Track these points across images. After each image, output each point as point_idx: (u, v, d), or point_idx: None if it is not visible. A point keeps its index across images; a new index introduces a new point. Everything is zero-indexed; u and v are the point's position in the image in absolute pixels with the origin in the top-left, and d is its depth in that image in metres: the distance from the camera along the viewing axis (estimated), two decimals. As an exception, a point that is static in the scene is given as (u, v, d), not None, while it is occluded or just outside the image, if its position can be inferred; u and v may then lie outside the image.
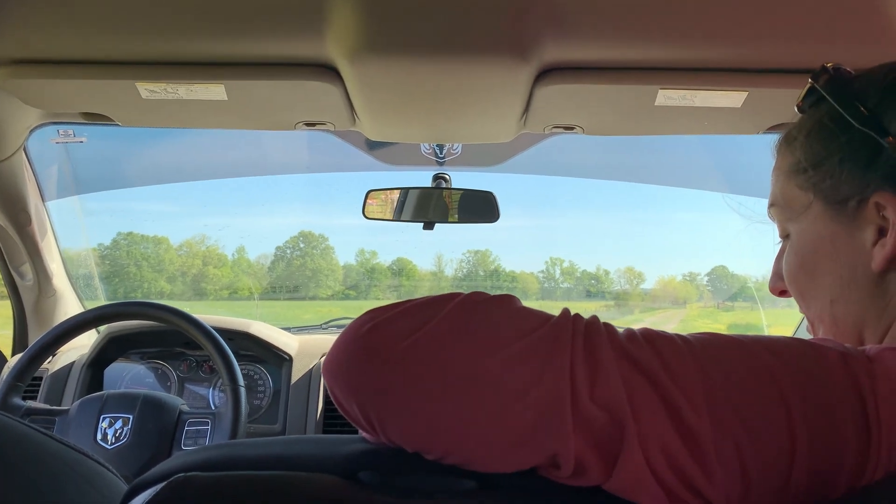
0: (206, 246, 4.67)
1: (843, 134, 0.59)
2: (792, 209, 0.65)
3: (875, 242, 0.58)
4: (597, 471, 0.44)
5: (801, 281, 0.66)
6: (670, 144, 1.94)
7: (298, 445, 0.52)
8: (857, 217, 0.59)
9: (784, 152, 0.66)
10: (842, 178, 0.59)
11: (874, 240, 0.58)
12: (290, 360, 1.71)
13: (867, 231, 0.58)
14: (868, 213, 0.58)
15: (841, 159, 0.59)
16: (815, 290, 0.64)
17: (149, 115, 1.21)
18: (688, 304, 4.54)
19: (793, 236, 0.66)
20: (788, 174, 0.65)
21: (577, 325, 0.47)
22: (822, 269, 0.63)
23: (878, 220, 0.57)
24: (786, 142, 0.66)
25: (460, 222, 1.62)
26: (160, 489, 0.47)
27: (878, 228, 0.57)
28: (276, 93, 1.09)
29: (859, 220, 0.59)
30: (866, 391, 0.45)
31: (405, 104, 1.11)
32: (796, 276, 0.66)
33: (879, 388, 0.45)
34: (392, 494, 0.46)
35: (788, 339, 0.49)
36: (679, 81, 1.01)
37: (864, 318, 0.60)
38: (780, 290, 0.70)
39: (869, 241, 0.58)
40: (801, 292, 0.66)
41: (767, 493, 0.44)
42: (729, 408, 0.44)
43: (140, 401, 1.39)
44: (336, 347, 0.50)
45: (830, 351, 0.47)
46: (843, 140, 0.59)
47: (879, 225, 0.57)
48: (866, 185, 0.57)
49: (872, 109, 0.57)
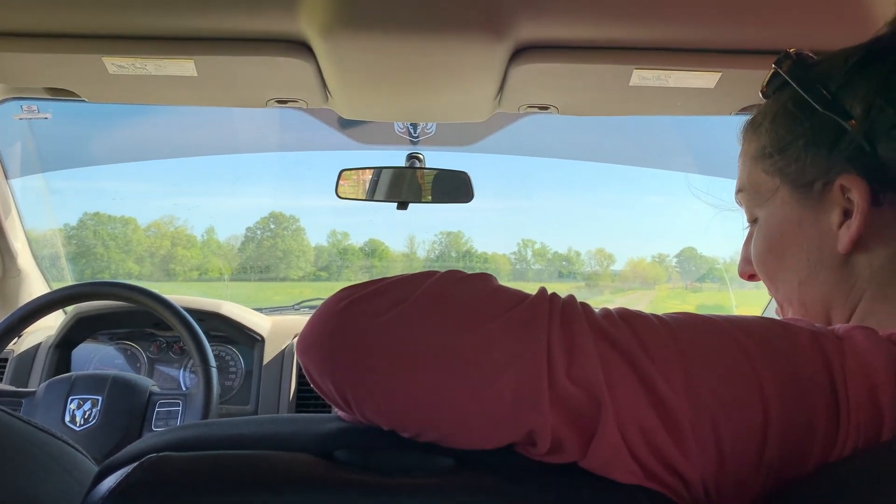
0: (175, 226, 4.60)
1: (806, 118, 0.60)
2: (759, 194, 0.66)
3: (840, 224, 0.59)
4: (573, 447, 0.45)
5: (770, 264, 0.66)
6: (643, 126, 1.95)
7: (273, 425, 0.51)
8: (823, 200, 0.60)
9: (750, 138, 0.67)
10: (807, 162, 0.60)
11: (839, 222, 0.59)
12: (262, 341, 1.69)
13: (833, 213, 0.59)
14: (833, 196, 0.59)
15: (805, 143, 0.60)
16: (783, 273, 0.65)
17: (116, 90, 1.18)
18: (657, 285, 4.59)
19: (760, 220, 0.66)
20: (755, 159, 0.65)
21: (553, 304, 0.47)
22: (790, 252, 0.64)
23: (844, 203, 0.58)
24: (751, 127, 0.67)
25: (434, 202, 1.61)
26: (132, 470, 0.46)
27: (844, 210, 0.58)
28: (247, 69, 1.07)
29: (825, 203, 0.60)
30: (836, 368, 0.45)
31: (379, 82, 1.09)
32: (765, 260, 0.67)
33: (849, 365, 0.45)
34: (368, 473, 0.46)
35: (761, 318, 0.50)
36: (654, 61, 1.01)
37: (832, 299, 0.62)
38: (749, 275, 0.71)
39: (835, 223, 0.59)
40: (769, 275, 0.67)
41: (742, 469, 0.45)
42: (705, 385, 0.44)
43: (109, 382, 1.37)
44: (311, 324, 0.50)
45: (801, 330, 0.48)
46: (808, 125, 0.60)
47: (845, 207, 0.58)
48: (831, 167, 0.58)
49: (835, 93, 0.58)
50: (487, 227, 5.36)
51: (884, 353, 0.46)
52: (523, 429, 0.45)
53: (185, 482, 0.45)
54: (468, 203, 1.60)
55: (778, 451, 0.44)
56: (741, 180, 0.68)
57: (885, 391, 0.45)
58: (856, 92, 0.57)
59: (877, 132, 0.56)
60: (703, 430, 0.44)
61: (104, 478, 0.47)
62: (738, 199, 0.69)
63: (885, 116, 0.55)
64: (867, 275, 0.59)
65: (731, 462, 0.44)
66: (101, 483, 0.47)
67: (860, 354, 0.46)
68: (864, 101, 0.56)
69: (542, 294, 0.48)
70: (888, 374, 0.45)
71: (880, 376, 0.45)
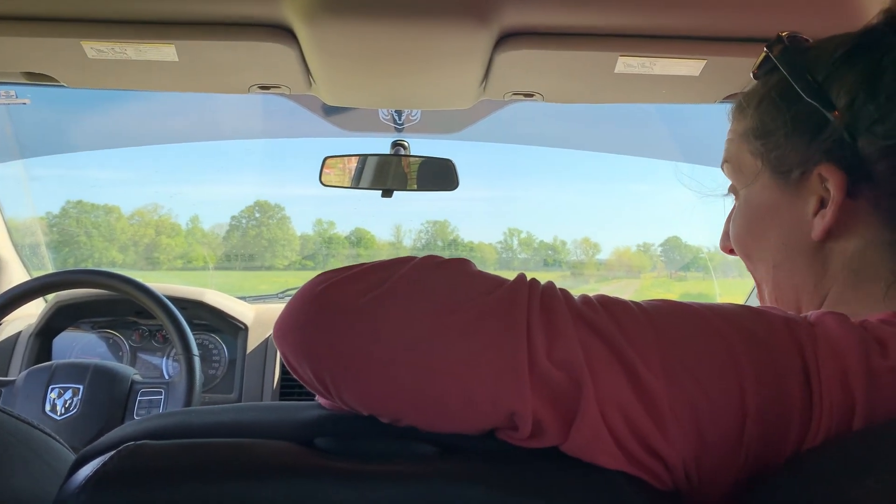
0: (159, 215, 4.57)
1: (792, 105, 0.60)
2: (742, 173, 0.66)
3: (816, 213, 0.59)
4: (555, 431, 0.45)
5: (747, 245, 0.67)
6: (629, 113, 1.95)
7: (253, 412, 0.51)
8: (801, 187, 0.60)
9: (739, 117, 0.67)
10: (787, 149, 0.60)
11: (815, 210, 0.59)
12: (246, 330, 1.69)
13: (809, 201, 0.59)
14: (811, 184, 0.59)
15: (787, 131, 0.60)
16: (759, 254, 0.66)
17: (95, 75, 1.16)
18: (642, 273, 4.62)
19: (741, 200, 0.67)
20: (742, 138, 0.65)
21: (533, 288, 0.47)
22: (767, 235, 0.64)
23: (821, 191, 0.58)
24: (739, 108, 0.67)
25: (419, 190, 1.61)
26: (109, 458, 0.45)
27: (820, 199, 0.59)
28: (229, 54, 1.06)
29: (802, 191, 0.60)
30: (808, 353, 0.46)
31: (362, 68, 1.08)
32: (743, 240, 0.68)
33: (821, 350, 0.46)
34: (349, 460, 0.46)
35: (736, 305, 0.50)
36: (639, 49, 1.01)
37: (804, 284, 0.62)
38: (729, 249, 0.72)
39: (810, 211, 0.59)
40: (747, 254, 0.68)
41: (722, 453, 0.45)
42: (683, 368, 0.45)
43: (90, 371, 1.36)
44: (288, 309, 0.49)
45: (775, 317, 0.49)
46: (792, 112, 0.60)
47: (821, 196, 0.59)
48: (810, 156, 0.58)
49: (822, 82, 0.58)
50: (474, 216, 5.37)
51: (855, 338, 0.47)
52: (504, 412, 0.44)
53: (162, 471, 0.44)
54: (453, 191, 1.60)
55: (756, 434, 0.45)
56: (728, 152, 0.68)
57: (857, 375, 0.45)
58: (842, 83, 0.57)
59: (858, 126, 0.56)
60: (682, 412, 0.44)
61: (80, 467, 0.47)
62: (723, 168, 0.70)
63: (867, 111, 0.55)
64: (839, 263, 0.60)
65: (711, 445, 0.44)
66: (77, 472, 0.46)
67: (832, 339, 0.47)
68: (849, 93, 0.56)
69: (521, 279, 0.48)
70: (859, 359, 0.45)
71: (851, 360, 0.45)
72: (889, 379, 0.45)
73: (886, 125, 0.55)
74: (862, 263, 0.58)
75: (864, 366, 0.45)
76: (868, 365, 0.45)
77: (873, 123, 0.55)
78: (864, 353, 0.46)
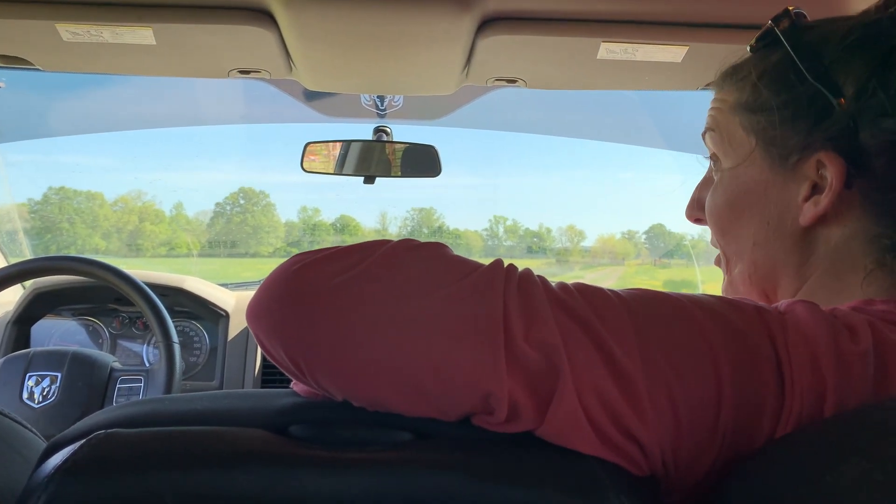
0: (143, 201, 4.54)
1: (795, 86, 0.58)
2: (730, 146, 0.64)
3: (807, 198, 0.58)
4: (530, 414, 0.44)
5: (725, 219, 0.66)
6: (613, 100, 1.95)
7: (227, 400, 0.50)
8: (796, 171, 0.59)
9: (731, 87, 0.64)
10: (787, 130, 0.59)
11: (807, 195, 0.58)
12: (227, 317, 1.68)
13: (802, 185, 0.59)
14: (807, 169, 0.58)
15: (790, 112, 0.58)
16: (738, 230, 0.65)
17: (71, 59, 1.15)
18: (626, 261, 4.64)
19: (725, 172, 0.65)
20: (733, 109, 0.63)
21: (510, 273, 0.47)
22: (751, 212, 0.63)
23: (815, 177, 0.58)
24: (735, 76, 0.64)
25: (402, 177, 1.60)
26: (79, 447, 0.45)
27: (813, 185, 0.58)
28: (208, 38, 1.04)
29: (797, 174, 0.59)
30: (779, 340, 0.46)
31: (343, 52, 1.07)
32: (721, 213, 0.66)
33: (790, 337, 0.46)
34: (324, 448, 0.45)
35: (709, 295, 0.50)
36: (621, 35, 1.01)
37: (783, 267, 0.62)
38: (696, 218, 0.71)
39: (801, 195, 0.59)
40: (722, 228, 0.67)
41: (698, 439, 0.45)
42: (659, 352, 0.45)
43: (69, 358, 1.35)
44: (261, 290, 0.48)
45: (746, 305, 0.49)
46: (795, 93, 0.58)
47: (815, 182, 0.58)
48: (811, 142, 0.57)
49: (829, 65, 0.56)
50: (459, 204, 5.37)
51: (825, 324, 0.47)
52: (480, 394, 0.44)
53: (133, 460, 0.44)
54: (437, 177, 1.59)
55: (731, 421, 0.45)
56: (715, 121, 0.66)
57: (827, 360, 0.45)
58: (850, 69, 0.55)
59: (864, 116, 0.54)
60: (658, 397, 0.44)
61: (50, 455, 0.46)
62: (706, 137, 0.68)
63: (876, 103, 0.54)
64: (822, 251, 0.59)
65: (688, 431, 0.45)
66: (47, 461, 0.46)
67: (801, 327, 0.47)
68: (858, 81, 0.55)
69: (497, 263, 0.48)
70: (829, 344, 0.46)
71: (821, 346, 0.46)
72: (859, 363, 0.46)
73: (895, 118, 0.53)
74: (845, 253, 0.58)
75: (834, 351, 0.46)
76: (838, 350, 0.46)
77: (880, 116, 0.54)
78: (833, 338, 0.46)
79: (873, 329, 0.48)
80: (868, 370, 0.46)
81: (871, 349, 0.46)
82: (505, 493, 0.43)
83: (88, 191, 4.36)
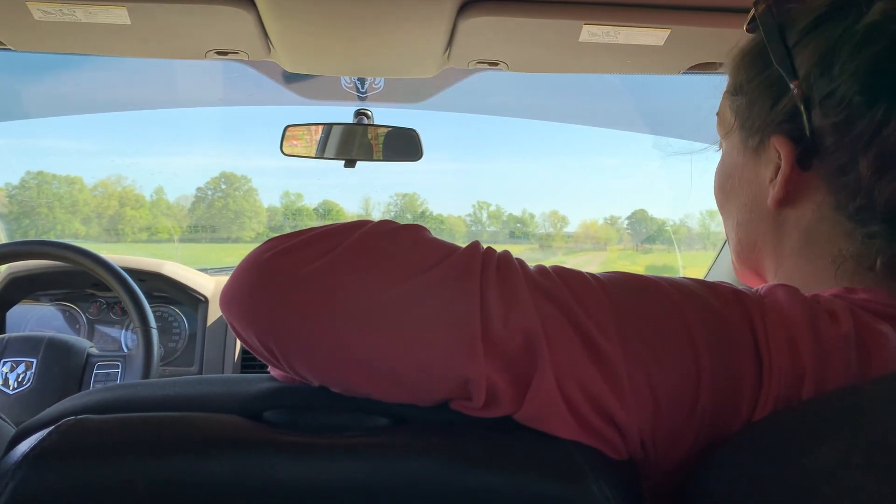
0: (123, 186, 4.49)
1: (764, 68, 0.58)
2: (723, 128, 0.66)
3: (772, 180, 0.59)
4: (509, 399, 0.44)
5: (719, 199, 0.68)
6: (596, 84, 1.94)
7: (201, 385, 0.50)
8: (759, 152, 0.60)
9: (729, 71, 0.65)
10: (754, 112, 0.59)
11: (771, 177, 0.59)
12: (206, 302, 1.66)
13: (769, 167, 0.59)
14: (769, 151, 0.59)
15: (756, 94, 0.59)
16: (728, 209, 0.67)
17: (44, 39, 1.12)
18: (608, 246, 4.66)
19: (722, 153, 0.67)
20: (727, 92, 0.65)
21: (488, 256, 0.47)
22: (734, 193, 0.65)
23: (777, 160, 0.58)
24: (732, 62, 0.65)
25: (384, 160, 1.58)
26: (48, 433, 0.44)
27: (777, 167, 0.58)
28: (184, 18, 1.02)
29: (762, 156, 0.60)
30: (757, 323, 0.46)
31: (323, 33, 1.06)
32: (716, 193, 0.68)
33: (769, 319, 0.46)
34: (299, 433, 0.45)
35: (688, 279, 0.51)
36: (603, 17, 1.00)
37: (762, 246, 0.63)
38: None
39: (768, 177, 0.59)
40: (719, 206, 0.69)
41: (676, 422, 0.45)
42: (638, 336, 0.45)
43: (44, 344, 1.33)
44: (234, 276, 0.48)
45: (725, 288, 0.49)
46: (763, 75, 0.59)
47: (777, 164, 0.58)
48: (768, 124, 0.58)
49: (791, 48, 0.57)
50: (443, 189, 5.36)
51: (804, 307, 0.47)
52: (458, 380, 0.44)
53: (104, 446, 0.43)
54: (420, 162, 1.57)
55: (710, 403, 0.45)
56: (720, 106, 0.67)
57: (805, 342, 0.45)
58: (806, 52, 0.56)
59: (813, 97, 0.55)
60: (638, 380, 0.44)
61: (19, 442, 0.45)
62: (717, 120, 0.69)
63: (821, 83, 0.54)
64: (795, 233, 0.60)
65: (666, 413, 0.45)
66: (15, 448, 0.45)
67: (780, 310, 0.47)
68: (809, 62, 0.55)
69: (475, 246, 0.48)
70: (808, 327, 0.46)
71: (800, 329, 0.46)
72: (839, 347, 0.46)
73: (836, 100, 0.53)
74: (815, 236, 0.58)
75: (813, 334, 0.46)
76: (816, 333, 0.46)
77: (825, 97, 0.54)
78: (812, 322, 0.46)
79: (854, 315, 0.48)
80: (850, 354, 0.45)
81: (853, 334, 0.46)
82: (482, 478, 0.43)
83: (67, 175, 4.31)
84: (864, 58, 0.52)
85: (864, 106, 0.53)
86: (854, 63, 0.53)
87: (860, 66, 0.53)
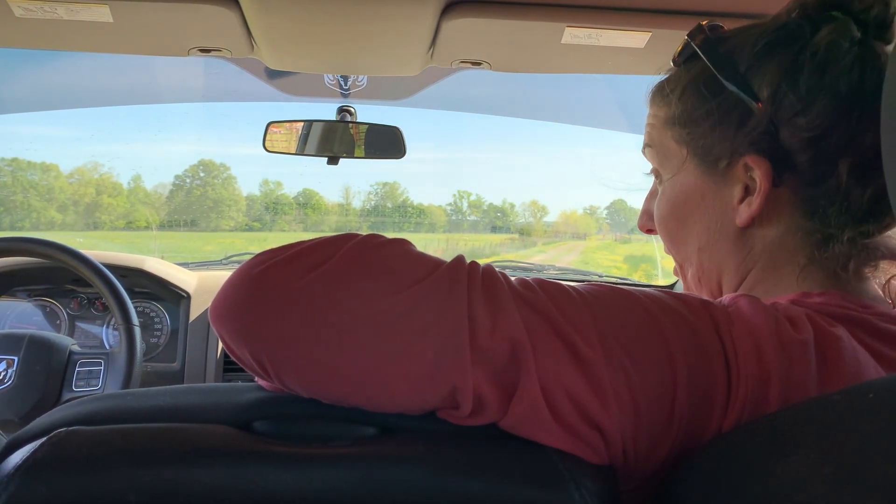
0: (100, 174, 4.44)
1: (716, 95, 0.61)
2: (666, 158, 0.67)
3: (741, 200, 0.61)
4: (495, 406, 0.46)
5: (672, 227, 0.69)
6: (576, 83, 1.95)
7: (190, 395, 0.50)
8: (727, 175, 0.62)
9: (660, 103, 0.68)
10: (714, 138, 0.62)
11: (741, 197, 0.61)
12: (188, 298, 1.66)
13: (735, 189, 0.62)
14: (737, 173, 0.61)
15: (714, 121, 0.61)
16: (684, 237, 0.68)
17: (25, 35, 1.11)
18: (588, 236, 4.69)
19: (666, 184, 0.68)
20: (666, 124, 0.66)
21: (473, 269, 0.48)
22: (692, 219, 0.66)
23: (746, 180, 0.61)
24: (661, 94, 0.67)
25: (367, 158, 1.58)
26: (40, 445, 0.44)
27: (745, 187, 0.61)
28: (167, 16, 1.01)
29: (728, 178, 0.62)
30: (724, 332, 0.48)
31: (306, 31, 1.06)
32: (667, 223, 0.69)
33: (735, 328, 0.49)
34: (287, 443, 0.46)
35: (658, 290, 0.53)
36: (585, 20, 1.01)
37: (726, 266, 0.65)
38: (648, 229, 0.74)
39: (735, 198, 0.62)
40: (670, 237, 0.70)
41: (656, 424, 0.46)
42: (617, 343, 0.46)
43: (26, 341, 1.32)
44: (224, 290, 0.48)
45: (693, 299, 0.51)
46: (717, 101, 0.61)
47: (746, 184, 0.61)
48: (736, 146, 0.60)
49: (744, 73, 0.59)
50: (424, 179, 5.36)
51: (767, 315, 0.49)
52: (446, 389, 0.45)
53: (95, 457, 0.43)
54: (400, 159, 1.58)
55: (686, 407, 0.47)
56: (651, 137, 0.69)
57: (770, 347, 0.47)
58: (763, 74, 0.58)
59: (781, 117, 0.58)
60: (619, 385, 0.45)
61: (10, 453, 0.46)
62: (645, 153, 0.71)
63: (789, 103, 0.57)
64: (760, 247, 0.62)
65: (646, 419, 0.46)
66: (7, 459, 0.45)
67: (745, 319, 0.49)
68: (771, 84, 0.58)
69: (459, 260, 0.49)
70: (771, 332, 0.48)
71: (764, 335, 0.48)
72: (800, 351, 0.48)
73: (808, 117, 0.57)
74: (781, 249, 0.61)
75: (777, 339, 0.48)
76: (780, 338, 0.48)
77: (795, 115, 0.57)
78: (775, 328, 0.48)
79: (812, 322, 0.50)
80: (809, 358, 0.48)
81: (812, 339, 0.49)
82: (466, 485, 0.44)
83: (43, 162, 4.25)
84: (831, 75, 0.56)
85: (839, 116, 0.56)
86: (822, 80, 0.56)
87: (828, 82, 0.56)
